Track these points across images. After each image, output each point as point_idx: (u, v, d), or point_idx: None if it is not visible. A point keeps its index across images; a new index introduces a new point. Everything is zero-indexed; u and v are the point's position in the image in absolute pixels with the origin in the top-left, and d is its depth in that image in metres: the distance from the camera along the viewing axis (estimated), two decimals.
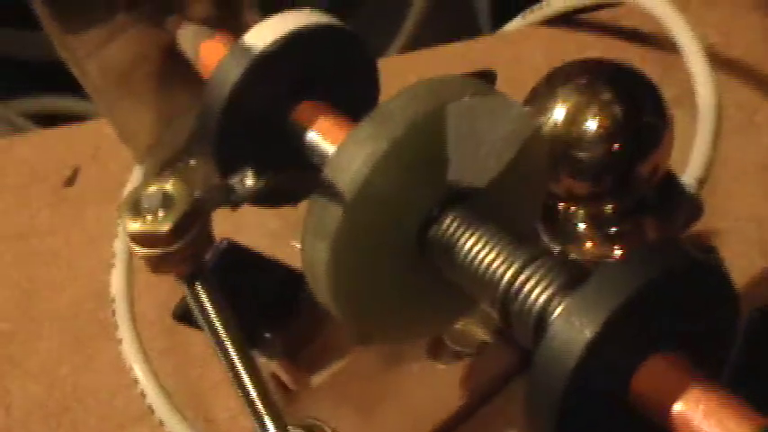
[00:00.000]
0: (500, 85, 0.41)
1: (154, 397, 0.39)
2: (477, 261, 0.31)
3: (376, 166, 0.30)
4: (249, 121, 0.34)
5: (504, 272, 0.30)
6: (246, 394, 0.31)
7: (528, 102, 0.36)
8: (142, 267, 0.45)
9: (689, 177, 0.40)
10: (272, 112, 0.35)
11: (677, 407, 0.27)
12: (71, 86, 0.46)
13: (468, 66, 0.41)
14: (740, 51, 0.50)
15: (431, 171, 0.31)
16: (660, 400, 0.27)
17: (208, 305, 0.30)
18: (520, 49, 0.52)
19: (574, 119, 0.35)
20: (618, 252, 0.37)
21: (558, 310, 0.29)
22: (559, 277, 0.29)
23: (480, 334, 0.38)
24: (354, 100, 0.35)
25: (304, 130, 0.34)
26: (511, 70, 0.49)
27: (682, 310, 0.28)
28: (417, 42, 0.66)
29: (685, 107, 0.44)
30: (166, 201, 0.28)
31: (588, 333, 0.27)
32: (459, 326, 0.38)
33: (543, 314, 0.29)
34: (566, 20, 0.52)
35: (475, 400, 0.38)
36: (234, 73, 0.34)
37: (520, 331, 0.30)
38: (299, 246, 0.32)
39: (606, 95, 0.35)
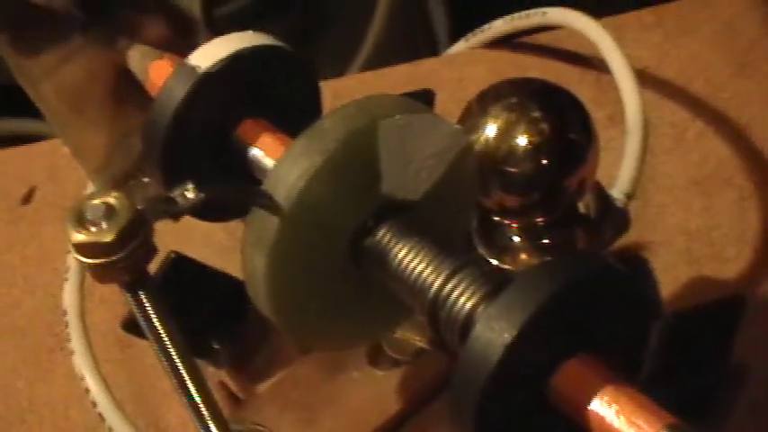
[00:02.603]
0: (444, 105, 0.43)
1: (104, 406, 0.40)
2: (407, 271, 0.32)
3: (311, 179, 0.32)
4: (194, 137, 0.36)
5: (433, 281, 0.32)
6: (191, 400, 0.32)
7: (461, 120, 0.38)
8: (96, 283, 0.47)
9: (617, 192, 0.42)
10: (216, 129, 0.36)
11: (593, 406, 0.29)
12: (29, 109, 0.48)
13: (411, 87, 0.42)
14: (672, 73, 0.52)
15: (364, 185, 0.33)
16: (577, 400, 0.29)
17: (151, 313, 0.31)
18: (463, 71, 0.54)
19: (504, 135, 0.37)
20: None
21: (482, 315, 0.30)
22: (485, 285, 0.31)
23: (417, 341, 0.40)
24: (298, 119, 0.36)
25: (247, 146, 0.36)
26: (454, 91, 0.51)
27: (599, 314, 0.30)
28: (376, 62, 0.68)
29: (619, 125, 0.46)
30: (109, 212, 0.29)
31: (507, 336, 0.28)
32: (396, 334, 0.39)
33: (468, 320, 0.31)
34: (507, 42, 0.54)
35: (413, 404, 0.40)
36: (179, 92, 0.35)
37: (447, 337, 0.32)
38: None
39: (534, 113, 0.37)
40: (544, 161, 0.37)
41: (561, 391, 0.29)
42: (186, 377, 0.32)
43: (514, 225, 0.39)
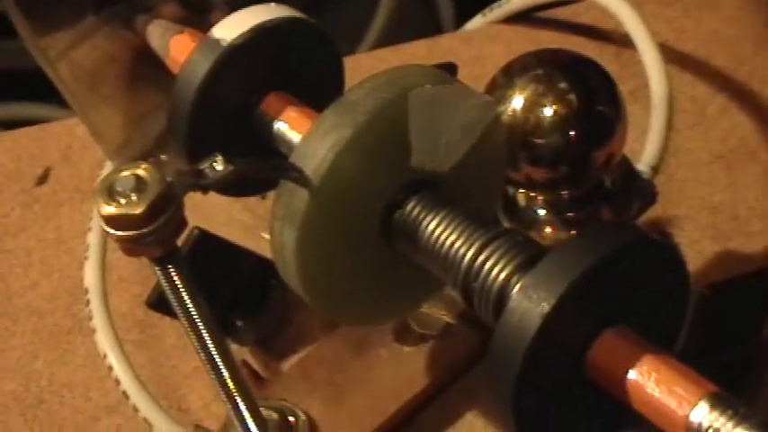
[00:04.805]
0: (462, 81, 0.42)
1: (128, 383, 0.40)
2: (439, 243, 0.32)
3: (341, 152, 0.31)
4: (218, 112, 0.35)
5: (465, 252, 0.31)
6: (219, 376, 0.32)
7: (487, 91, 0.38)
8: (115, 263, 0.46)
9: (643, 165, 0.41)
10: (241, 103, 0.36)
11: (630, 376, 0.28)
12: (42, 94, 0.47)
13: (429, 63, 0.42)
14: (692, 47, 0.52)
15: (394, 157, 0.32)
16: (614, 371, 0.29)
17: (181, 288, 0.31)
18: (481, 47, 0.53)
19: (531, 107, 0.37)
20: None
21: (518, 287, 0.30)
22: (518, 256, 0.31)
23: (445, 317, 0.39)
24: (320, 92, 0.36)
25: (272, 120, 0.35)
26: (473, 67, 0.51)
27: (635, 285, 0.30)
28: (383, 43, 0.67)
29: (641, 100, 0.46)
30: (139, 185, 0.29)
31: (546, 306, 0.28)
32: (424, 309, 0.39)
33: (503, 291, 0.30)
34: (525, 17, 0.54)
35: (440, 380, 0.39)
36: (203, 66, 0.35)
37: (481, 309, 0.31)
38: (268, 237, 0.34)
39: (562, 84, 0.37)
40: (572, 133, 0.37)
41: (599, 361, 0.29)
42: (215, 353, 0.32)
43: (540, 198, 0.39)
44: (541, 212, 0.39)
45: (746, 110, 0.49)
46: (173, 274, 0.31)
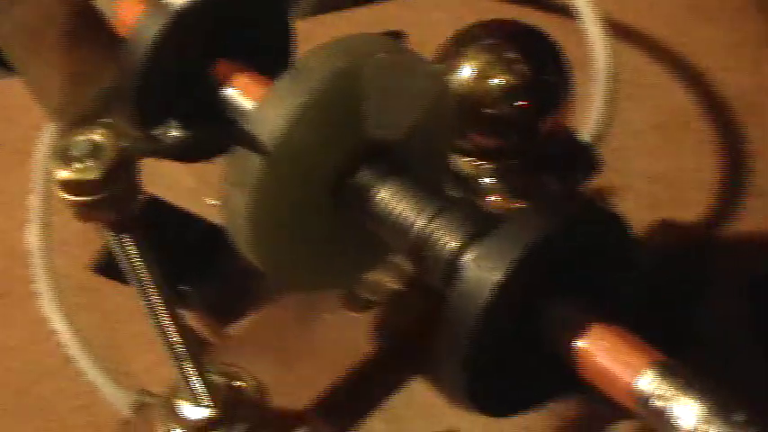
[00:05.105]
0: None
1: (73, 347, 0.40)
2: (391, 212, 0.32)
3: (295, 119, 0.32)
4: (168, 77, 0.35)
5: (417, 221, 0.32)
6: (169, 341, 0.32)
7: (436, 61, 0.38)
8: (55, 225, 0.46)
9: (587, 134, 0.42)
10: (191, 68, 0.36)
11: (581, 344, 0.29)
12: None
13: (373, 30, 0.42)
14: (633, 19, 0.52)
15: (348, 125, 0.33)
16: (566, 339, 0.29)
17: (133, 253, 0.31)
18: (425, 14, 0.53)
19: (480, 77, 0.37)
20: (521, 205, 0.39)
21: (470, 255, 0.30)
22: (469, 225, 0.31)
23: (392, 283, 0.40)
24: (271, 58, 0.36)
25: (221, 86, 0.35)
26: (417, 34, 0.51)
27: (585, 254, 0.30)
28: (323, 7, 0.67)
29: (584, 71, 0.47)
30: (95, 149, 0.29)
31: (498, 275, 0.29)
32: (371, 275, 0.39)
33: (455, 260, 0.31)
34: None
35: (388, 346, 0.40)
36: (152, 30, 0.34)
37: (433, 278, 0.32)
38: (214, 203, 0.34)
39: (510, 54, 0.37)
40: (520, 102, 0.37)
41: (550, 330, 0.30)
42: (166, 319, 0.32)
43: (488, 167, 0.39)
44: (488, 181, 0.39)
45: (683, 80, 0.50)
46: (126, 240, 0.31)
